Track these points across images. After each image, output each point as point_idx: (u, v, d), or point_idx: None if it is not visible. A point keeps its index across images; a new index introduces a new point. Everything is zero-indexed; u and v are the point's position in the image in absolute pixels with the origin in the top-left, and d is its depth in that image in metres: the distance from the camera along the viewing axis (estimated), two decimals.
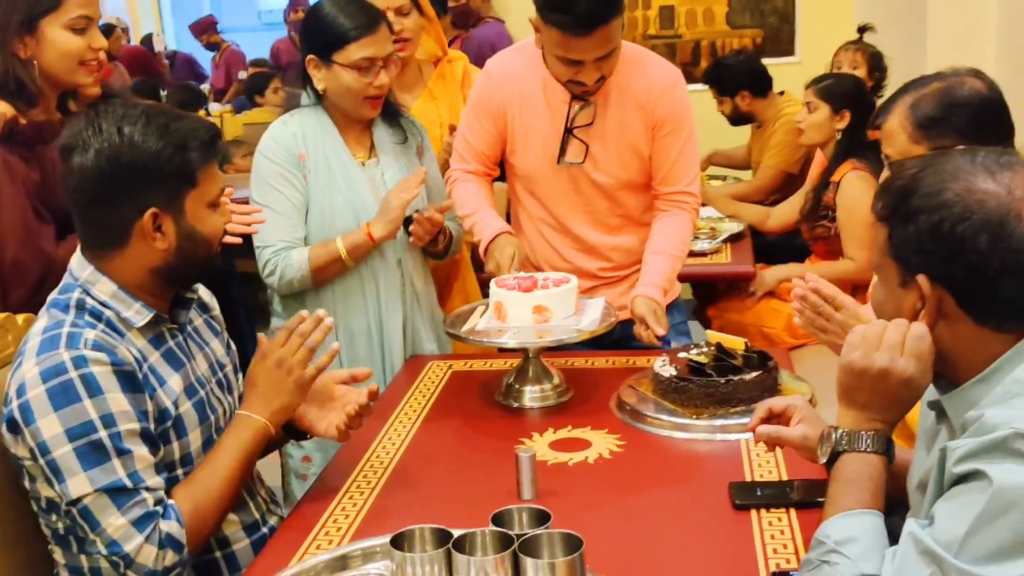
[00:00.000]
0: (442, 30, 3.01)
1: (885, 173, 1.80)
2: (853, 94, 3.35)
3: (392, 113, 2.43)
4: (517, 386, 2.12)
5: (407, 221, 2.33)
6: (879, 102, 4.08)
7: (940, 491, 1.17)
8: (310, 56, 2.31)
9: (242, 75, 8.08)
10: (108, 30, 9.00)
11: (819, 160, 3.48)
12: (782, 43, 5.33)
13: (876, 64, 4.00)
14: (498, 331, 2.08)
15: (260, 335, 1.81)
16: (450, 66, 2.93)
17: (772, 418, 1.59)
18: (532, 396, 2.10)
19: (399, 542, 1.31)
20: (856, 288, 3.00)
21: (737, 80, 4.08)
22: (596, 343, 2.21)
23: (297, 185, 2.32)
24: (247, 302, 4.18)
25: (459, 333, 2.11)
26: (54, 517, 1.59)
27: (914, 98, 1.81)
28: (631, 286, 2.34)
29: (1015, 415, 1.11)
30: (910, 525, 1.17)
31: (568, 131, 2.30)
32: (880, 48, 4.06)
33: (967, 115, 1.77)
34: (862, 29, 4.11)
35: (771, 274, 3.34)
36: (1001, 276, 1.17)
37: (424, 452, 1.92)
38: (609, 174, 2.34)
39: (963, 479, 1.12)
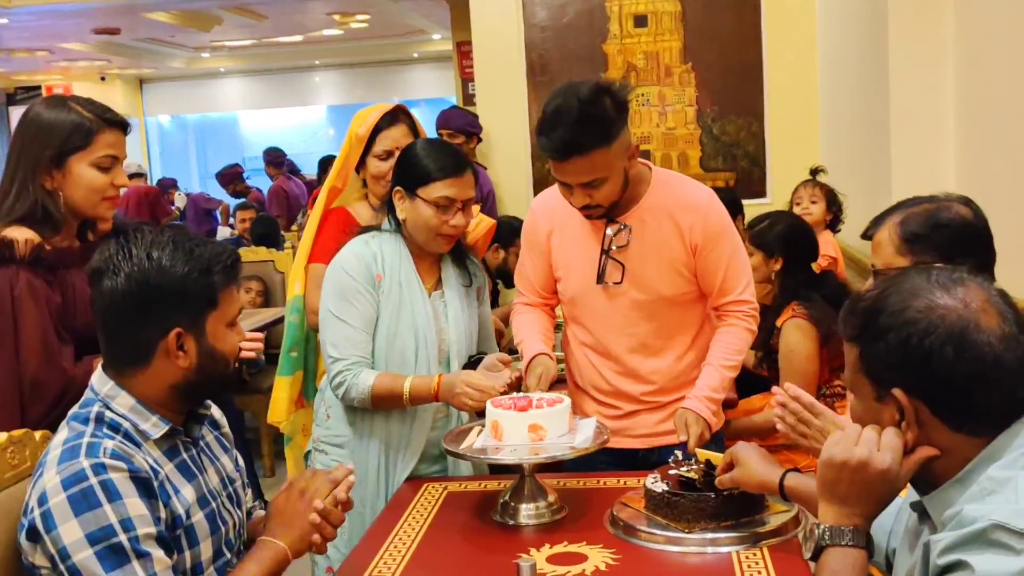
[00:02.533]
0: None
1: (869, 281, 1.94)
2: (786, 236, 3.29)
3: (461, 255, 2.60)
4: (513, 504, 2.18)
5: (475, 362, 2.47)
6: (836, 235, 4.31)
7: None
8: (397, 188, 2.48)
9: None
10: (137, 175, 9.48)
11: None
12: (754, 185, 5.58)
13: (832, 199, 4.23)
14: (495, 449, 2.16)
15: (291, 478, 1.89)
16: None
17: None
18: (528, 513, 2.15)
19: None
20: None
21: None
22: (627, 463, 2.40)
23: (371, 303, 2.45)
24: (241, 434, 4.22)
25: (458, 450, 2.19)
26: None
27: (904, 215, 1.96)
28: (672, 413, 2.44)
29: (992, 508, 1.20)
30: None
31: (604, 252, 2.43)
32: (845, 187, 4.29)
33: (948, 236, 1.91)
34: (814, 172, 4.35)
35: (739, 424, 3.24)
36: (969, 384, 1.28)
37: (424, 569, 1.97)
38: (648, 291, 2.44)
39: (947, 570, 1.20)
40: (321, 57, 14.40)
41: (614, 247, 2.42)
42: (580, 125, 2.21)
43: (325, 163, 8.93)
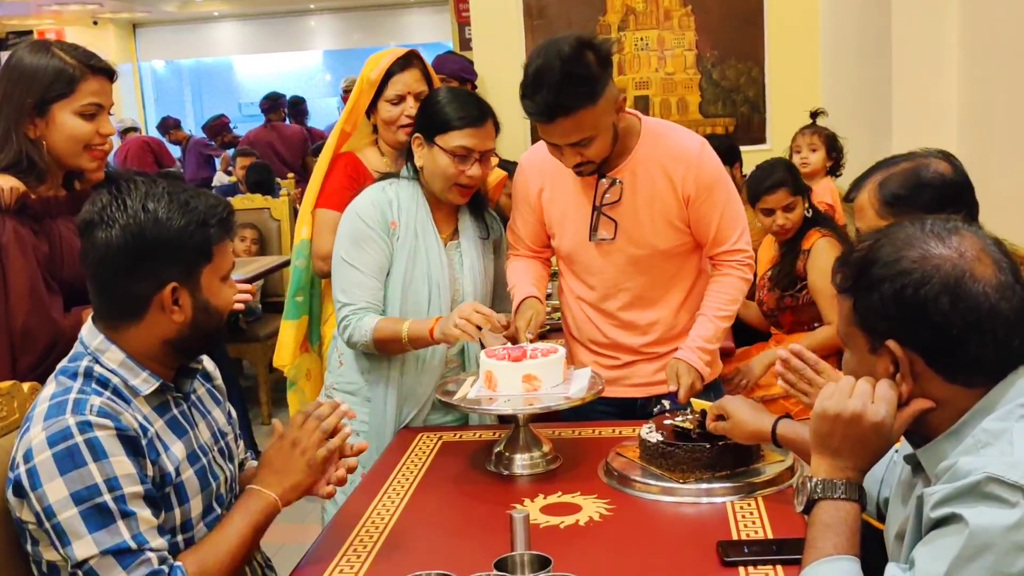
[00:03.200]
0: None
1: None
2: (793, 171, 3.45)
3: (480, 206, 2.56)
4: (507, 454, 2.17)
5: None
6: (839, 179, 4.26)
7: (918, 536, 1.24)
8: (417, 134, 2.45)
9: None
10: (132, 129, 9.43)
11: (768, 242, 3.56)
12: (753, 131, 5.53)
13: (832, 144, 4.17)
14: (489, 399, 2.15)
15: (275, 421, 1.87)
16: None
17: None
18: (522, 464, 2.15)
19: None
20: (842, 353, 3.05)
21: None
22: (626, 412, 2.40)
23: (385, 250, 2.43)
24: (237, 383, 4.22)
25: (451, 401, 2.17)
26: None
27: (883, 176, 1.94)
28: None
29: (986, 461, 1.19)
30: (891, 570, 1.23)
31: (596, 209, 2.39)
32: (846, 130, 4.23)
33: (930, 195, 1.88)
34: (814, 114, 4.29)
35: (758, 362, 3.31)
36: (965, 334, 1.26)
37: (418, 519, 1.96)
38: (642, 245, 2.41)
39: (940, 523, 1.19)
40: (316, 1, 14.20)
41: (606, 202, 2.38)
42: (564, 85, 2.15)
43: (293, 103, 8.93)
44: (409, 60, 2.90)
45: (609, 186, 2.37)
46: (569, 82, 2.15)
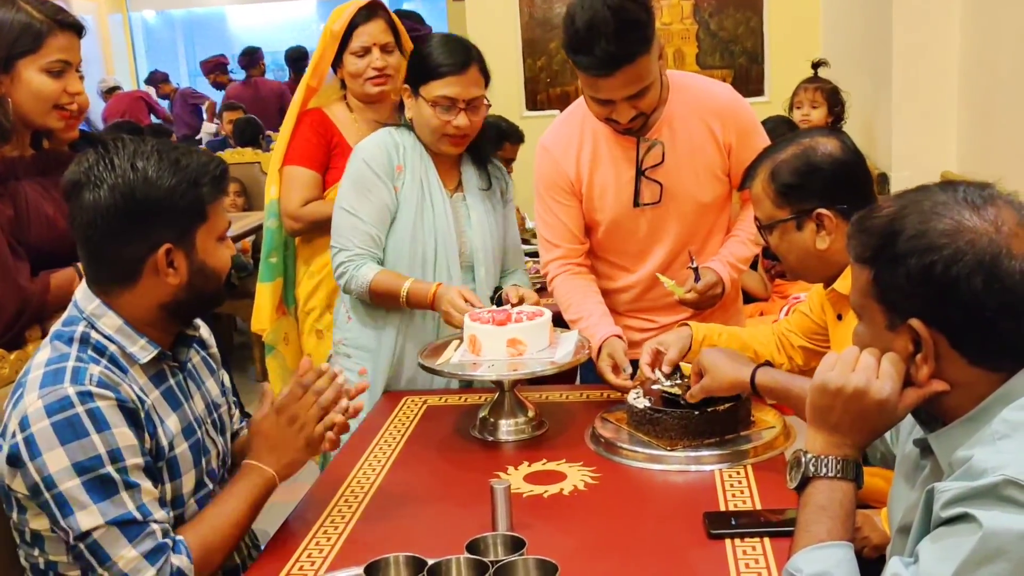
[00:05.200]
0: None
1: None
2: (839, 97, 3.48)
3: (481, 156, 2.48)
4: (492, 420, 2.12)
5: (493, 295, 2.37)
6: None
7: (925, 531, 1.17)
8: (405, 84, 2.38)
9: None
10: (114, 89, 9.27)
11: None
12: (752, 83, 5.42)
13: (834, 99, 4.07)
14: (473, 364, 2.09)
15: (265, 384, 1.81)
16: None
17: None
18: (507, 430, 2.10)
19: (374, 571, 1.31)
20: None
21: None
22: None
23: (388, 196, 2.37)
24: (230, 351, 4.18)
25: (434, 366, 2.12)
26: (36, 551, 1.58)
27: (772, 165, 1.89)
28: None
29: (1005, 460, 1.11)
30: (894, 564, 1.17)
31: (640, 174, 2.28)
32: (847, 82, 4.14)
33: (823, 179, 1.85)
34: (816, 65, 4.19)
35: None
36: (998, 315, 1.16)
37: (400, 485, 1.92)
38: (687, 202, 2.32)
39: (951, 521, 1.12)
40: None
41: (648, 165, 2.28)
42: (621, 33, 2.03)
43: (294, 58, 8.51)
44: (373, 10, 2.82)
45: (649, 149, 2.27)
46: (626, 29, 2.04)
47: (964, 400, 1.22)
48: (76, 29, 2.10)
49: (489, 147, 2.51)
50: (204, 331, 1.84)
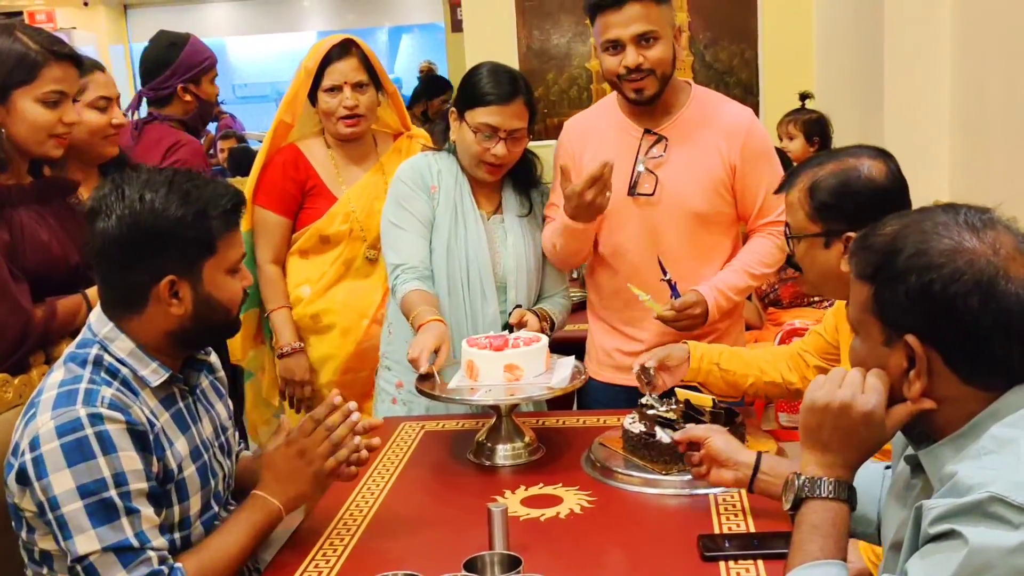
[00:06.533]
0: (403, 106, 3.08)
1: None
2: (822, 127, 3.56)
3: (525, 183, 2.52)
4: (489, 444, 2.14)
5: (505, 324, 2.38)
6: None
7: (915, 548, 1.19)
8: (452, 108, 2.43)
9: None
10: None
11: None
12: None
13: (812, 130, 4.13)
14: (470, 390, 2.11)
15: (283, 416, 1.83)
16: (409, 142, 2.99)
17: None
18: (504, 454, 2.12)
19: None
20: None
21: None
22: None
23: (424, 205, 2.43)
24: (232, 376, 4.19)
25: (432, 392, 2.14)
26: (45, 570, 1.60)
27: (813, 178, 1.85)
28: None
29: (990, 476, 1.13)
30: None
31: (639, 162, 2.36)
32: (840, 114, 4.19)
33: (857, 204, 1.79)
34: (803, 97, 4.26)
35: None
36: (992, 335, 1.19)
37: (398, 509, 1.94)
38: (681, 204, 2.37)
39: (938, 538, 1.13)
40: None
41: (651, 157, 2.37)
42: None
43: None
44: (347, 48, 2.83)
45: (655, 142, 2.36)
46: None
47: (955, 417, 1.24)
48: (74, 60, 2.13)
49: (531, 174, 2.53)
50: (213, 357, 1.86)
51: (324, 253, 2.87)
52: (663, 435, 1.96)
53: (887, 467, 1.55)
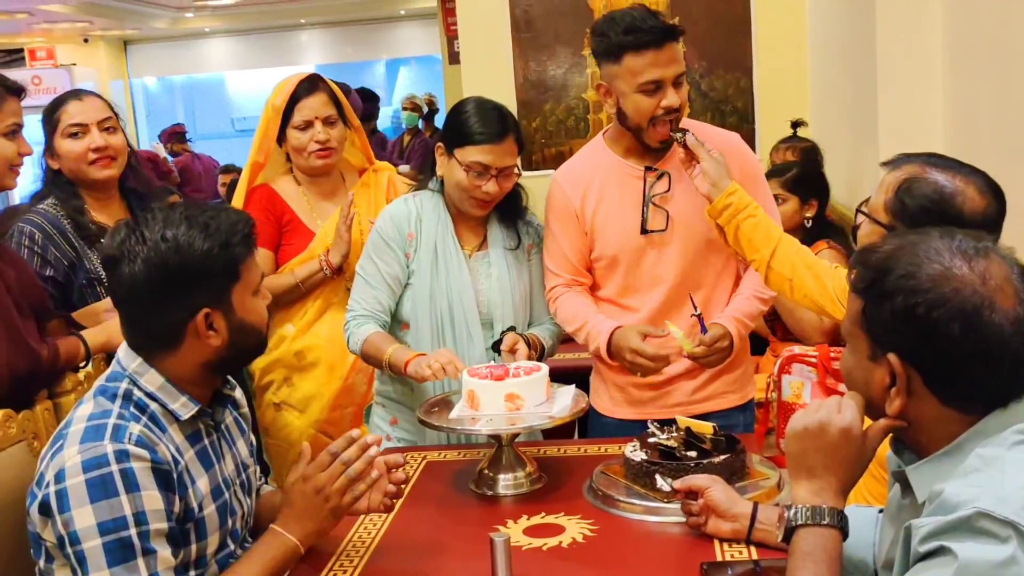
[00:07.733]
0: (367, 141, 3.11)
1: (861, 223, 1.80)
2: (816, 182, 3.53)
3: (513, 216, 2.51)
4: (491, 474, 2.14)
5: (496, 343, 2.39)
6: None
7: (905, 567, 1.20)
8: (439, 143, 2.43)
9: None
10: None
11: None
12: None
13: (803, 158, 4.16)
14: (471, 419, 2.12)
15: (305, 444, 1.84)
16: (375, 175, 3.03)
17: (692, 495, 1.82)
18: (506, 484, 2.12)
19: None
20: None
21: None
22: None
23: (398, 260, 2.44)
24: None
25: (433, 422, 2.15)
26: None
27: (912, 179, 1.70)
28: (712, 376, 2.43)
29: (976, 493, 1.15)
30: None
31: (647, 201, 2.37)
32: (834, 140, 4.22)
33: (942, 219, 1.58)
34: (795, 125, 4.29)
35: None
36: (970, 362, 1.21)
37: (400, 540, 1.94)
38: (695, 233, 2.38)
39: (928, 556, 1.15)
40: (307, 15, 14.19)
41: (656, 193, 2.37)
42: (659, 17, 2.27)
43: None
44: (315, 84, 2.87)
45: (658, 178, 2.37)
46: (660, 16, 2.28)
47: (938, 436, 1.27)
48: (19, 93, 2.20)
49: (519, 206, 2.53)
50: (236, 392, 1.87)
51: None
52: (663, 483, 1.95)
53: (880, 511, 1.56)
